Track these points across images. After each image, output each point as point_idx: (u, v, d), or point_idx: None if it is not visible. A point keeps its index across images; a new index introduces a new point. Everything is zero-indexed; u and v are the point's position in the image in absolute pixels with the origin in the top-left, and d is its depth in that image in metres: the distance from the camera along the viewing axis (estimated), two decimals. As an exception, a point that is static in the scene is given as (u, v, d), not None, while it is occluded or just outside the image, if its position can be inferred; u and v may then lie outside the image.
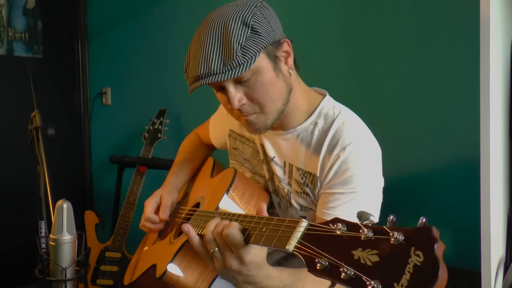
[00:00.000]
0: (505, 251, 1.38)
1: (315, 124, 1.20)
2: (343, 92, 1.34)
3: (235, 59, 1.02)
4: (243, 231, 0.88)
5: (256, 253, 0.90)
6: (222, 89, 1.11)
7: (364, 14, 1.98)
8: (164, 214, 1.39)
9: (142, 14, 2.91)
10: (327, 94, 1.26)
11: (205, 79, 1.05)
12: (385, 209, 1.15)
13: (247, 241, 0.87)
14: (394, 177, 1.20)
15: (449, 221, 1.72)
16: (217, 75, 1.04)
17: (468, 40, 1.67)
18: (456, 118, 1.76)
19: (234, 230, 0.88)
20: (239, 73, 1.03)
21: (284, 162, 1.25)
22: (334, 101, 1.25)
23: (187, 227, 1.00)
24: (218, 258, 0.93)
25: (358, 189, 1.11)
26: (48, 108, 1.97)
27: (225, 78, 1.04)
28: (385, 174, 1.19)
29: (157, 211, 1.41)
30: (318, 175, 1.17)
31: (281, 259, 1.30)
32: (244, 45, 1.03)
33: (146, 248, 1.50)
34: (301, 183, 1.21)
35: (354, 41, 2.01)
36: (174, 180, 1.49)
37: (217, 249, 0.92)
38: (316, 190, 1.19)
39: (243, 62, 1.03)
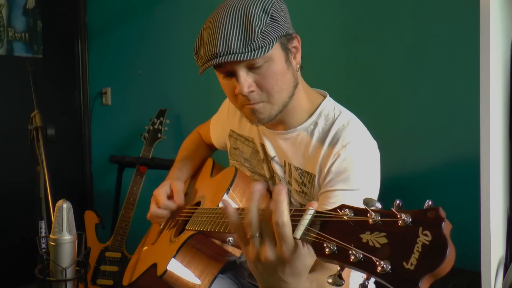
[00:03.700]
0: (505, 251, 1.38)
1: (316, 124, 1.21)
2: (342, 92, 1.34)
3: (256, 41, 1.04)
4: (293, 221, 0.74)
5: (304, 261, 0.76)
6: (231, 75, 1.11)
7: (364, 14, 1.98)
8: (180, 199, 1.37)
9: (142, 14, 2.91)
10: (328, 95, 1.26)
11: (224, 57, 1.05)
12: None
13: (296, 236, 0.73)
14: (393, 177, 1.20)
15: (449, 221, 1.72)
16: (236, 54, 1.04)
17: (468, 40, 1.67)
18: (456, 118, 1.76)
19: (287, 218, 0.73)
20: (259, 55, 1.05)
21: (284, 162, 1.25)
22: (334, 102, 1.25)
23: (225, 202, 0.82)
24: (255, 246, 0.77)
25: (359, 187, 1.11)
26: (48, 108, 1.97)
27: (245, 58, 1.04)
28: (385, 174, 1.19)
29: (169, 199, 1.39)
30: (316, 175, 1.17)
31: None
32: (264, 30, 1.05)
33: (145, 248, 1.50)
34: (299, 183, 1.22)
35: (354, 41, 2.01)
36: (178, 174, 1.49)
37: (258, 234, 0.77)
38: (314, 191, 1.19)
39: (262, 46, 1.05)
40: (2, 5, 2.86)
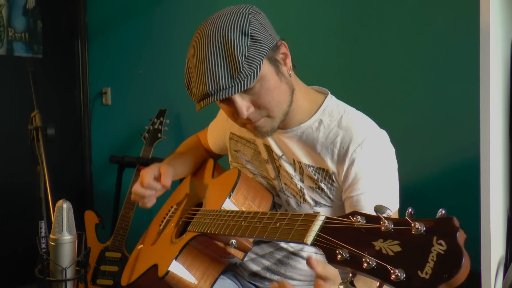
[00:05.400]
0: (505, 251, 1.38)
1: (320, 121, 1.21)
2: (343, 92, 1.34)
3: (243, 71, 1.03)
4: None
5: None
6: (227, 100, 1.11)
7: (364, 14, 1.98)
8: (167, 180, 1.33)
9: (142, 14, 2.91)
10: (329, 92, 1.26)
11: (215, 95, 1.05)
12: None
13: None
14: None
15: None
16: (226, 90, 1.04)
17: (468, 40, 1.67)
18: (456, 118, 1.75)
19: None
20: (248, 85, 1.04)
21: (293, 160, 1.25)
22: (336, 99, 1.25)
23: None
24: None
25: (382, 184, 1.14)
26: (48, 108, 1.97)
27: (236, 92, 1.04)
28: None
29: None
30: (335, 171, 1.18)
31: (283, 257, 1.30)
32: (247, 56, 1.03)
33: (144, 248, 1.50)
34: (314, 179, 1.21)
35: (354, 41, 2.01)
36: (168, 162, 1.46)
37: None
38: (335, 186, 1.19)
39: (250, 73, 1.03)
40: (2, 5, 2.86)
